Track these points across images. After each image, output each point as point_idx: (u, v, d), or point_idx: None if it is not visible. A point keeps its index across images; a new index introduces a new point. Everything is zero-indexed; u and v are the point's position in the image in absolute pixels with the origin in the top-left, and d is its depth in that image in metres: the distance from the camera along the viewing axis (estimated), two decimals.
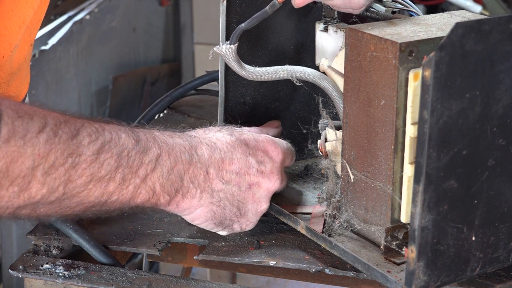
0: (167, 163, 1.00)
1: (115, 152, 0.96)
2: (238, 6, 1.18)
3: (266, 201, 1.09)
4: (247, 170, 1.07)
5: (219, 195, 1.05)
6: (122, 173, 0.97)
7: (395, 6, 1.12)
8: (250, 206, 1.09)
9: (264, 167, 1.08)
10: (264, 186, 1.08)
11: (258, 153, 1.08)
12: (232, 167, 1.06)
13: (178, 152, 1.02)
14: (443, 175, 0.90)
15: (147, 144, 0.99)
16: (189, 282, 1.07)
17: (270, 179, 1.08)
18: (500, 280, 1.03)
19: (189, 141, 1.04)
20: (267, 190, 1.09)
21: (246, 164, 1.06)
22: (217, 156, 1.05)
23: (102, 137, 0.95)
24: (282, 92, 1.25)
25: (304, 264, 1.08)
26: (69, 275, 1.08)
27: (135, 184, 0.98)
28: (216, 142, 1.06)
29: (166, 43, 3.34)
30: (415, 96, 0.95)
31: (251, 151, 1.07)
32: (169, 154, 1.01)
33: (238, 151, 1.06)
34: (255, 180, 1.08)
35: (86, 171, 0.94)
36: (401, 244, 1.02)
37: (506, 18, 0.90)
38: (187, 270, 1.79)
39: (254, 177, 1.07)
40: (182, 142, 1.03)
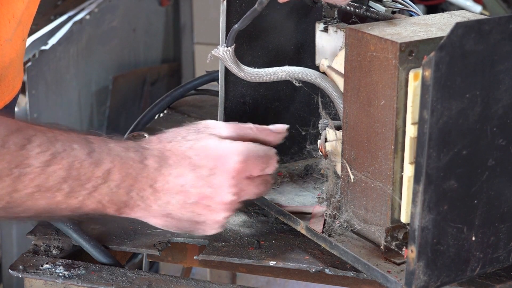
0: (117, 178, 0.98)
1: (65, 164, 0.94)
2: (238, 6, 1.18)
3: (225, 211, 1.02)
4: (195, 183, 1.01)
5: (168, 207, 1.01)
6: (70, 184, 0.95)
7: (395, 6, 1.12)
8: (206, 217, 1.03)
9: (214, 179, 1.01)
10: (217, 199, 1.02)
11: (209, 164, 1.01)
12: (179, 180, 1.00)
13: (128, 167, 0.99)
14: (443, 175, 0.90)
15: (100, 157, 0.97)
16: (189, 282, 1.07)
17: (221, 192, 1.01)
18: (500, 280, 1.03)
19: (141, 154, 1.00)
20: (220, 202, 1.02)
21: (194, 178, 1.01)
22: (164, 169, 1.00)
23: (53, 147, 0.94)
24: (282, 92, 1.25)
25: (304, 264, 1.08)
26: (69, 275, 1.08)
27: (83, 195, 0.96)
28: (167, 153, 1.01)
29: (166, 43, 3.34)
30: (415, 96, 0.95)
31: (200, 163, 1.01)
32: (121, 168, 0.98)
33: (185, 163, 1.01)
34: (204, 192, 1.01)
35: (32, 182, 0.93)
36: (401, 244, 1.02)
37: (506, 18, 0.90)
38: (187, 270, 1.79)
39: (203, 189, 1.01)
40: (134, 156, 1.00)
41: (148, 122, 1.49)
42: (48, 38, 2.46)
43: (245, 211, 1.22)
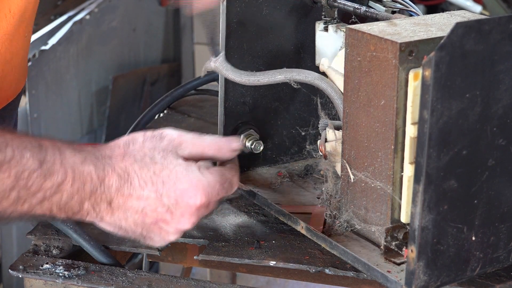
0: (69, 190, 0.95)
1: (13, 172, 0.92)
2: (238, 6, 1.18)
3: (177, 234, 1.02)
4: (155, 208, 0.99)
5: (121, 222, 1.00)
6: (17, 193, 0.93)
7: (395, 6, 1.12)
8: (155, 236, 1.02)
9: (174, 209, 1.00)
10: (172, 225, 1.01)
11: (171, 196, 0.99)
12: (139, 203, 0.99)
13: (83, 181, 0.96)
14: (443, 175, 0.90)
15: (51, 168, 0.94)
16: (189, 282, 1.07)
17: (179, 221, 1.00)
18: (500, 280, 1.03)
19: (101, 168, 0.98)
20: (175, 228, 1.01)
21: (155, 203, 0.99)
22: (126, 190, 0.98)
23: (2, 154, 0.92)
24: (282, 92, 1.25)
25: (304, 264, 1.08)
26: (69, 275, 1.08)
27: (31, 203, 0.94)
28: (131, 175, 0.99)
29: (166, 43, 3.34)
30: (415, 96, 0.95)
31: (165, 191, 0.99)
32: (73, 181, 0.95)
33: (150, 189, 0.99)
34: (162, 217, 1.00)
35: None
36: (401, 245, 1.02)
37: (506, 18, 0.90)
38: (187, 270, 1.79)
39: (162, 215, 1.00)
40: (91, 169, 0.97)
41: (148, 122, 1.49)
42: (48, 38, 2.46)
43: (245, 211, 1.22)
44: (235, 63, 1.17)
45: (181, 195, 0.99)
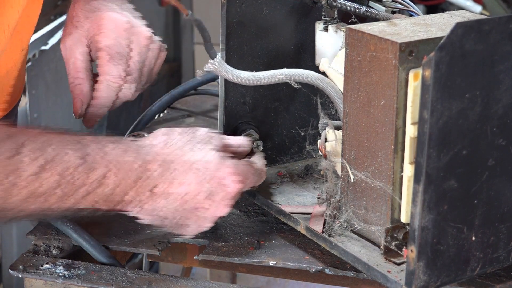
0: (112, 182, 0.97)
1: (57, 170, 0.94)
2: (238, 6, 1.18)
3: (212, 222, 1.06)
4: (196, 195, 1.02)
5: (160, 210, 1.02)
6: (63, 189, 0.95)
7: (395, 6, 1.12)
8: (192, 224, 1.05)
9: (215, 195, 1.03)
10: (211, 211, 1.04)
11: (213, 181, 1.03)
12: (180, 189, 1.02)
13: (126, 171, 0.98)
14: (443, 175, 0.90)
15: (94, 162, 0.96)
16: (189, 282, 1.07)
17: (218, 207, 1.04)
18: (500, 280, 1.03)
19: (143, 157, 1.00)
20: (213, 214, 1.05)
21: (196, 189, 1.02)
22: (168, 176, 1.01)
23: (45, 154, 0.93)
24: (282, 92, 1.25)
25: (304, 264, 1.08)
26: (69, 275, 1.08)
27: (76, 198, 0.96)
28: (172, 161, 1.02)
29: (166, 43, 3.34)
30: (415, 96, 0.95)
31: (206, 177, 1.03)
32: (117, 173, 0.98)
33: (191, 175, 1.02)
34: (202, 204, 1.03)
35: (24, 189, 0.92)
36: (401, 244, 1.02)
37: (506, 18, 0.90)
38: (187, 270, 1.79)
39: (202, 201, 1.03)
40: (134, 158, 0.99)
41: (148, 122, 1.49)
42: (48, 38, 2.46)
43: (245, 211, 1.22)
44: (235, 63, 1.17)
45: (222, 181, 1.03)
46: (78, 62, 1.19)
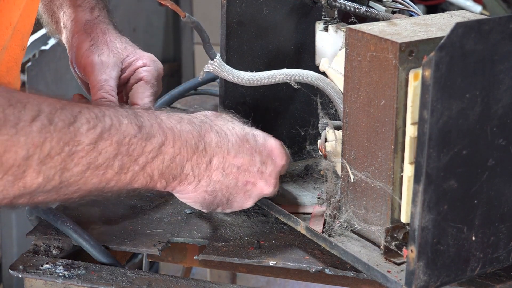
0: (170, 151, 0.98)
1: (114, 140, 0.93)
2: (238, 6, 1.18)
3: (254, 200, 1.10)
4: (249, 167, 1.06)
5: (215, 185, 1.05)
6: (121, 161, 0.94)
7: (395, 6, 1.12)
8: (239, 200, 1.09)
9: (265, 168, 1.07)
10: (259, 187, 1.08)
11: (264, 153, 1.07)
12: (236, 161, 1.05)
13: (184, 140, 0.99)
14: (443, 175, 0.90)
15: (150, 131, 0.96)
16: (189, 282, 1.07)
17: (266, 182, 1.08)
18: (500, 280, 1.03)
19: (199, 127, 1.02)
20: (260, 191, 1.09)
21: (250, 161, 1.05)
22: (224, 147, 1.03)
23: (101, 123, 0.93)
24: (282, 92, 1.26)
25: (304, 264, 1.08)
26: (69, 275, 1.08)
27: (134, 171, 0.96)
28: (227, 132, 1.05)
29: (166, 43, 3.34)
30: (415, 96, 0.95)
31: (258, 149, 1.07)
32: (174, 142, 0.98)
33: (245, 146, 1.05)
34: (253, 179, 1.07)
35: (83, 159, 0.91)
36: (401, 244, 1.02)
37: (506, 18, 0.90)
38: (187, 270, 1.79)
39: (253, 175, 1.07)
40: (190, 128, 1.01)
41: None
42: (48, 38, 2.46)
43: (245, 211, 1.22)
44: (235, 63, 1.17)
45: (271, 152, 1.08)
46: (112, 83, 1.20)
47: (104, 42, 1.25)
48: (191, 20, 1.12)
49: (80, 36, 1.25)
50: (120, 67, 1.24)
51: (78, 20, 1.26)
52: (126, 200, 1.25)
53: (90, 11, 1.28)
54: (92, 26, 1.26)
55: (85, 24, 1.26)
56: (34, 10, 1.19)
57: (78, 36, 1.25)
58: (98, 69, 1.21)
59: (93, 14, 1.28)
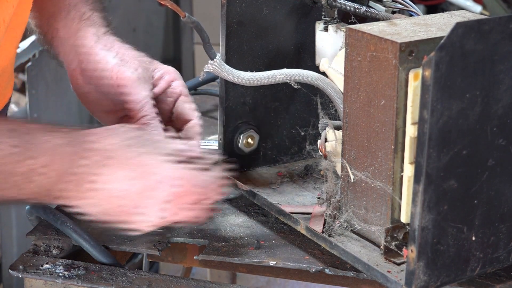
0: (50, 171, 0.95)
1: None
2: (238, 6, 1.18)
3: (144, 228, 1.01)
4: (126, 195, 0.98)
5: (99, 206, 0.99)
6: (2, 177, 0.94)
7: (395, 6, 1.12)
8: (127, 223, 1.01)
9: (143, 199, 0.98)
10: (138, 219, 1.00)
11: (144, 183, 0.98)
12: (109, 186, 0.97)
13: (63, 162, 0.95)
14: (443, 175, 0.90)
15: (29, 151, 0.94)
16: (189, 282, 1.07)
17: (144, 214, 0.99)
18: (500, 280, 1.03)
19: (82, 148, 0.97)
20: (141, 224, 1.01)
21: (127, 189, 0.98)
22: (105, 170, 0.97)
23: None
24: (282, 92, 1.25)
25: (304, 264, 1.08)
26: (69, 275, 1.08)
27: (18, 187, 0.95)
28: (111, 153, 0.98)
29: (166, 43, 3.34)
30: (415, 96, 0.95)
31: (139, 176, 0.98)
32: (53, 163, 0.95)
33: (123, 172, 0.97)
34: (130, 208, 0.99)
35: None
36: (401, 244, 1.02)
37: (506, 18, 0.90)
38: (187, 270, 1.79)
39: (129, 204, 0.99)
40: (71, 150, 0.96)
41: None
42: None
43: (245, 211, 1.22)
44: (235, 63, 1.17)
45: (151, 184, 0.98)
46: (152, 98, 1.14)
47: (130, 56, 1.17)
48: (191, 20, 1.12)
49: (98, 50, 1.17)
50: (150, 85, 1.17)
51: (88, 34, 1.19)
52: None
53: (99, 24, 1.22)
54: (109, 40, 1.19)
55: (98, 38, 1.18)
56: (27, 9, 1.19)
57: (94, 50, 1.17)
58: (136, 86, 1.14)
59: (103, 28, 1.21)
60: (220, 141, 1.23)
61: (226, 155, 1.20)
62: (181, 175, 0.99)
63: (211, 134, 1.49)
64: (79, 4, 1.22)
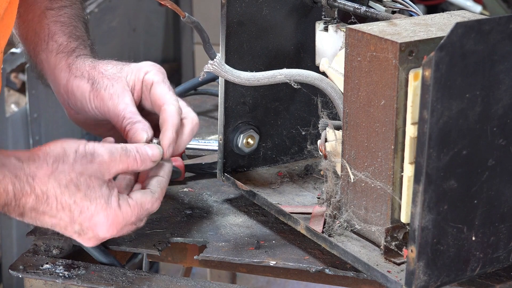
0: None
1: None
2: (238, 6, 1.18)
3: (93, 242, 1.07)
4: (65, 228, 1.04)
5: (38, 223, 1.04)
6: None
7: (395, 6, 1.12)
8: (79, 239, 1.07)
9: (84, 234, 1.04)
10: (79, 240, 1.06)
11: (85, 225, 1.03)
12: (51, 220, 1.03)
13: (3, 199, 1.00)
14: (443, 175, 0.90)
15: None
16: (189, 282, 1.07)
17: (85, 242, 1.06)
18: (500, 280, 1.03)
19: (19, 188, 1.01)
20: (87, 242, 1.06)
21: (67, 226, 1.04)
22: (40, 209, 1.02)
23: None
24: (282, 92, 1.26)
25: (304, 264, 1.08)
26: (69, 275, 1.08)
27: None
28: (50, 197, 1.01)
29: (166, 43, 3.34)
30: (415, 96, 0.95)
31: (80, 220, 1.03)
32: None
33: (66, 214, 1.02)
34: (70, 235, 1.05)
35: None
36: (401, 244, 1.02)
37: (506, 18, 0.90)
38: (187, 270, 1.79)
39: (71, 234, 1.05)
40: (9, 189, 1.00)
41: None
42: None
43: (245, 211, 1.22)
44: (235, 63, 1.17)
45: (94, 227, 1.03)
46: (131, 107, 1.16)
47: (100, 75, 1.20)
48: (191, 20, 1.12)
49: (72, 82, 1.20)
50: (128, 89, 1.19)
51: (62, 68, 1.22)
52: None
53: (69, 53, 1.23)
54: (79, 66, 1.21)
55: (70, 70, 1.21)
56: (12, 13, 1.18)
57: (70, 84, 1.20)
58: (114, 101, 1.17)
59: (73, 54, 1.23)
60: (220, 141, 1.23)
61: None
62: (117, 220, 1.04)
63: (211, 134, 1.49)
64: (56, 35, 1.23)
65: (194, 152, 1.41)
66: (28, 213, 1.02)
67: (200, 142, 1.44)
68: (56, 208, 1.02)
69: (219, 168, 1.24)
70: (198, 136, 1.48)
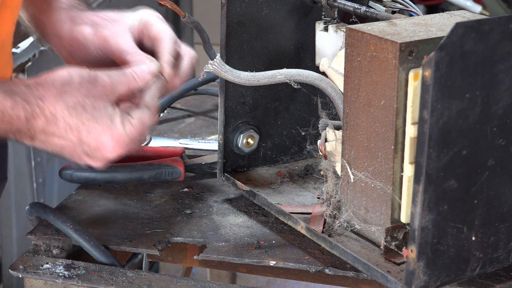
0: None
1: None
2: (238, 6, 1.18)
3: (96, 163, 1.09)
4: (74, 149, 1.06)
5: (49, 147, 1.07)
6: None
7: (395, 6, 1.12)
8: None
9: (92, 155, 1.06)
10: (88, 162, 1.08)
11: (93, 145, 1.06)
12: (60, 141, 1.05)
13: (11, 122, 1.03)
14: (443, 175, 0.90)
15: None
16: (189, 282, 1.07)
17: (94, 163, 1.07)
18: (500, 280, 1.03)
19: (30, 112, 1.04)
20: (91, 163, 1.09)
21: (76, 146, 1.06)
22: (49, 130, 1.05)
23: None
24: (282, 92, 1.26)
25: (304, 264, 1.08)
26: (69, 275, 1.09)
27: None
28: (58, 118, 1.05)
29: None
30: (415, 96, 0.95)
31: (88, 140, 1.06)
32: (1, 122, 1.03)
33: (74, 134, 1.05)
34: (79, 157, 1.07)
35: None
36: (401, 244, 1.02)
37: (506, 18, 0.90)
38: (187, 270, 1.79)
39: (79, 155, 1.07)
40: (20, 114, 1.03)
41: None
42: None
43: (245, 211, 1.22)
44: (235, 63, 1.17)
45: (102, 147, 1.06)
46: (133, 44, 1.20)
47: (101, 19, 1.24)
48: (191, 20, 1.12)
49: (74, 29, 1.24)
50: (129, 30, 1.24)
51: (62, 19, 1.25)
52: (126, 200, 1.25)
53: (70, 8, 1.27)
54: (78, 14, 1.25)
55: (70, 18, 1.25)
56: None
57: (72, 32, 1.24)
58: (114, 41, 1.21)
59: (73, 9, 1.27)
60: (220, 141, 1.23)
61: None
62: (125, 138, 1.06)
63: (211, 134, 1.49)
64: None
65: (194, 152, 1.41)
66: (38, 136, 1.04)
67: (200, 142, 1.45)
68: (65, 129, 1.05)
69: (219, 168, 1.24)
70: (198, 136, 1.48)
